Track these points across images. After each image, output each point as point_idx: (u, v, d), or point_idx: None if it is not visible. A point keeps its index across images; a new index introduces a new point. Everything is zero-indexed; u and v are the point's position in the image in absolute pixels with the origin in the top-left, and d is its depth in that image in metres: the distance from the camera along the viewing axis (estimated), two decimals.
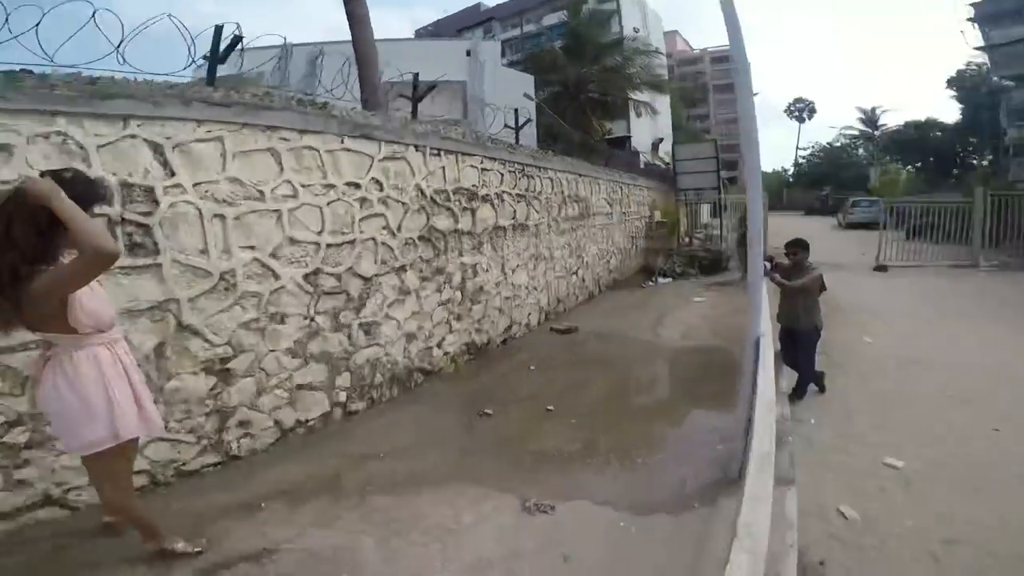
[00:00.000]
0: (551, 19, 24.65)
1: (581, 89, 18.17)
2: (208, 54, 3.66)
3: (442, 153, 5.36)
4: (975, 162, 32.15)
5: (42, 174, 1.96)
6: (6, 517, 2.73)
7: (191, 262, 3.38)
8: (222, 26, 3.69)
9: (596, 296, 9.75)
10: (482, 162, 6.05)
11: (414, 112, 5.48)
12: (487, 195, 6.13)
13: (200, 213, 3.42)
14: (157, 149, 3.23)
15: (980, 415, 4.10)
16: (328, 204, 4.17)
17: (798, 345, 4.58)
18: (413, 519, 2.92)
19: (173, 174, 3.30)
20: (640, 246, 12.76)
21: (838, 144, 47.32)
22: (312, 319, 4.10)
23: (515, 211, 6.77)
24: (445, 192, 5.41)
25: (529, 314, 7.22)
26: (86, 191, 1.96)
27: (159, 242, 3.24)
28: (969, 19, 25.90)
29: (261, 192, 3.73)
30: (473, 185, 5.87)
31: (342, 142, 4.26)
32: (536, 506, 3.03)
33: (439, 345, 5.37)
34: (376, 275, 4.61)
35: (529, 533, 2.80)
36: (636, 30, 24.33)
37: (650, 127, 25.32)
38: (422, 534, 2.79)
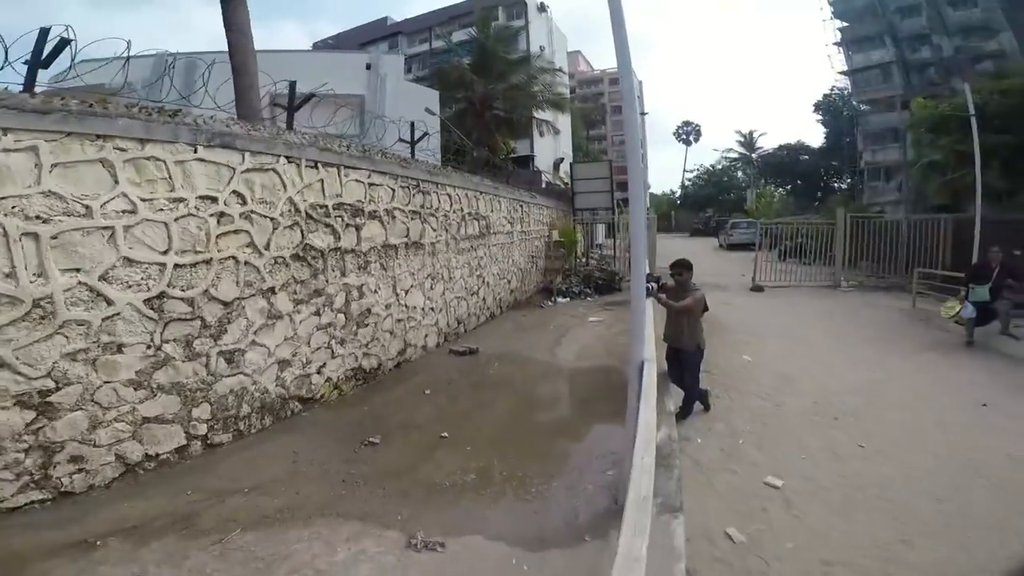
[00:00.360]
0: (460, 35, 24.79)
1: (487, 106, 18.33)
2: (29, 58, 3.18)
3: (320, 166, 5.09)
4: (836, 185, 36.05)
5: None
6: None
7: None
8: (48, 28, 3.27)
9: (497, 316, 9.76)
10: (369, 176, 5.83)
11: (290, 122, 5.16)
12: (375, 211, 5.91)
13: (4, 231, 2.92)
14: None
15: (849, 432, 4.41)
16: (176, 220, 3.77)
17: (683, 364, 4.73)
18: (279, 558, 2.65)
19: None
20: (540, 265, 13.04)
21: (719, 167, 50.90)
22: (158, 347, 3.65)
23: (408, 228, 6.59)
24: (324, 207, 5.12)
25: (426, 336, 7.02)
26: None
27: None
28: (835, 43, 28.17)
29: (87, 207, 3.28)
30: (358, 200, 5.63)
31: (195, 152, 3.90)
32: (424, 543, 2.85)
33: (319, 371, 5.02)
34: (239, 298, 4.22)
35: (415, 572, 2.63)
36: (542, 48, 25.07)
37: (552, 147, 26.16)
38: (288, 573, 2.53)
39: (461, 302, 8.20)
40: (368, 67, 14.07)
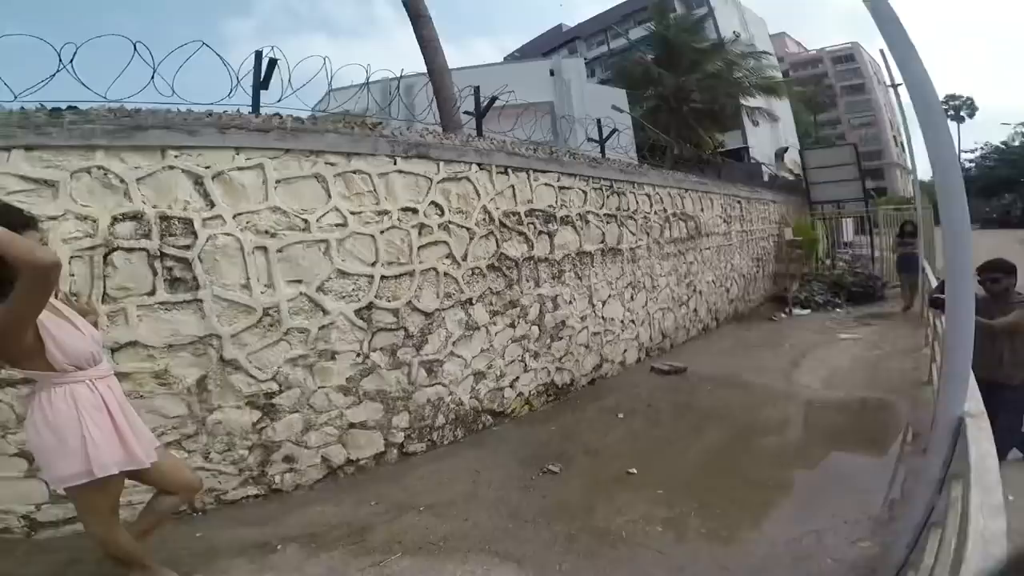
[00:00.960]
0: (638, 32, 23.68)
1: (682, 100, 16.88)
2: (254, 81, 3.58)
3: (510, 171, 4.89)
4: None
5: None
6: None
7: (232, 297, 3.23)
8: (262, 51, 3.63)
9: (712, 330, 8.52)
10: (559, 179, 5.47)
11: (479, 128, 5.11)
12: (567, 216, 5.53)
13: (241, 245, 3.27)
14: (196, 180, 3.16)
15: None
16: (382, 232, 3.88)
17: (1001, 404, 3.21)
18: None
19: (212, 205, 3.20)
20: (768, 270, 11.10)
21: (1016, 143, 39.47)
22: (366, 356, 3.77)
23: (604, 233, 6.06)
24: (516, 215, 4.91)
25: (624, 351, 6.36)
26: (9, 218, 1.81)
27: (199, 276, 3.12)
28: None
29: (306, 222, 3.52)
30: (549, 206, 5.31)
31: (395, 163, 3.98)
32: None
33: (511, 385, 4.79)
34: (439, 309, 4.20)
35: None
36: (736, 34, 22.41)
37: (770, 136, 22.88)
38: None
39: (666, 314, 7.32)
40: (552, 73, 14.05)
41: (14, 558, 2.59)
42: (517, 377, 4.85)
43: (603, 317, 5.96)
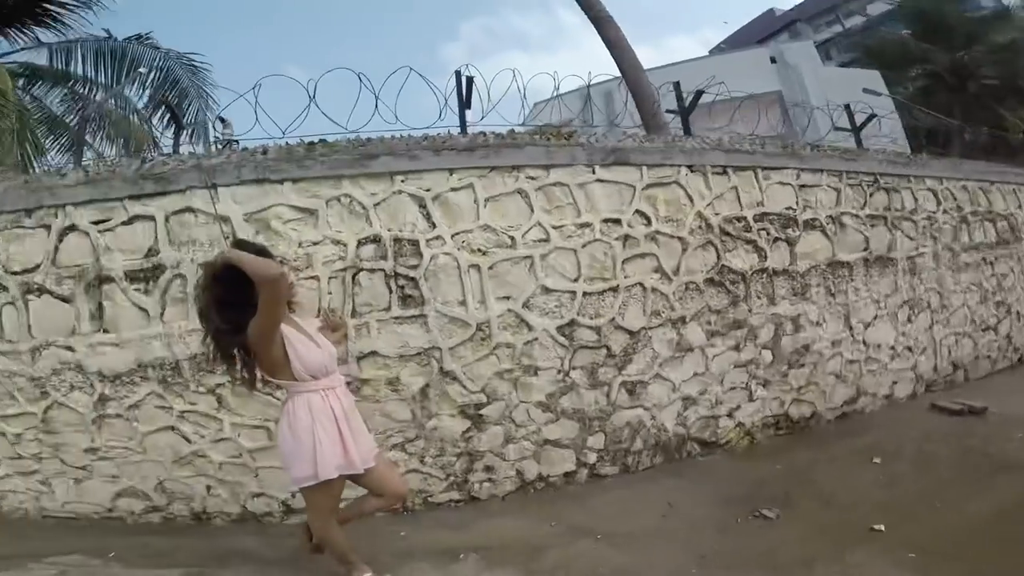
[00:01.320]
0: (878, 7, 19.04)
1: (965, 77, 13.58)
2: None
3: (731, 171, 4.27)
4: None
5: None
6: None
7: (451, 312, 3.49)
8: (461, 71, 3.85)
9: None
10: (798, 176, 4.59)
11: (685, 127, 4.58)
12: (813, 219, 4.60)
13: (457, 264, 3.52)
14: (420, 202, 3.51)
15: None
16: (584, 246, 3.77)
17: None
18: None
19: (434, 226, 3.51)
20: None
21: None
22: (567, 373, 3.70)
23: (867, 239, 4.87)
24: (743, 220, 4.27)
25: (893, 384, 5.00)
26: (246, 248, 2.27)
27: (424, 294, 3.46)
28: None
29: (512, 239, 3.62)
30: (787, 208, 4.49)
31: (593, 172, 3.83)
32: None
33: (730, 414, 4.16)
34: (645, 328, 3.89)
35: None
36: None
37: None
38: None
39: (961, 340, 5.55)
40: (773, 61, 12.79)
41: (266, 538, 3.11)
42: (738, 406, 4.20)
43: (864, 342, 4.80)
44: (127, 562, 2.76)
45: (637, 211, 3.93)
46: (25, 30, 7.93)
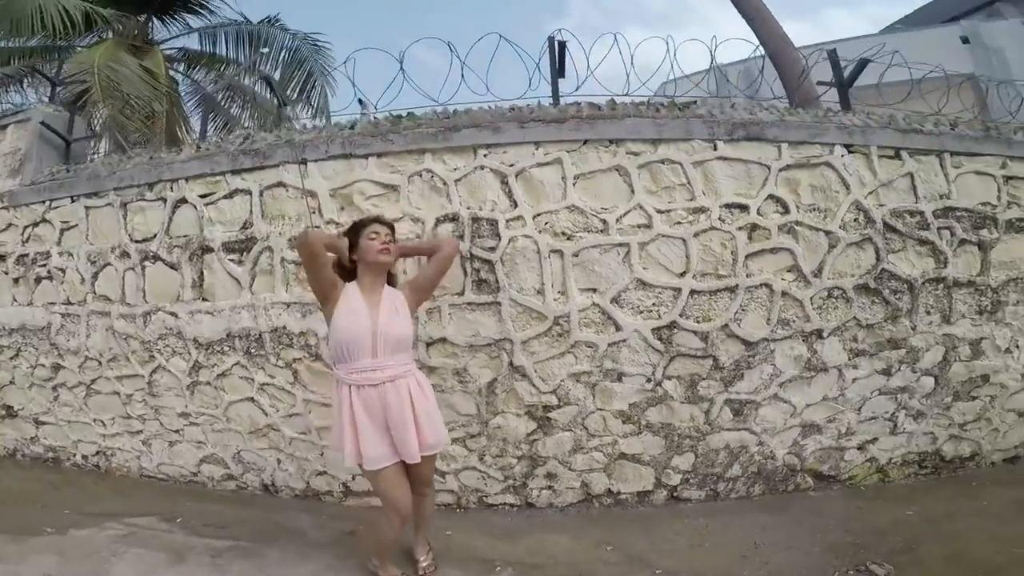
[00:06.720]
0: None
1: None
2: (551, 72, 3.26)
3: (906, 154, 3.24)
4: None
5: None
6: None
7: (526, 302, 3.15)
8: (554, 37, 3.26)
9: None
10: (1004, 165, 3.40)
11: (843, 100, 3.46)
12: (1019, 220, 3.40)
13: (538, 248, 3.12)
14: (502, 178, 3.15)
15: None
16: (696, 235, 3.12)
17: None
18: None
19: (515, 205, 3.15)
20: None
21: None
22: (658, 383, 3.21)
23: None
24: (917, 215, 3.25)
25: None
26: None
27: (500, 279, 3.15)
28: None
29: (604, 222, 3.11)
30: (984, 203, 3.36)
31: (715, 148, 3.11)
32: None
33: (861, 447, 3.37)
34: (767, 339, 3.20)
35: None
36: None
37: None
38: None
39: None
40: (965, 41, 11.01)
41: (320, 517, 3.19)
42: (875, 438, 3.38)
43: None
44: (190, 529, 2.98)
45: (771, 196, 3.15)
46: (176, 17, 8.64)
